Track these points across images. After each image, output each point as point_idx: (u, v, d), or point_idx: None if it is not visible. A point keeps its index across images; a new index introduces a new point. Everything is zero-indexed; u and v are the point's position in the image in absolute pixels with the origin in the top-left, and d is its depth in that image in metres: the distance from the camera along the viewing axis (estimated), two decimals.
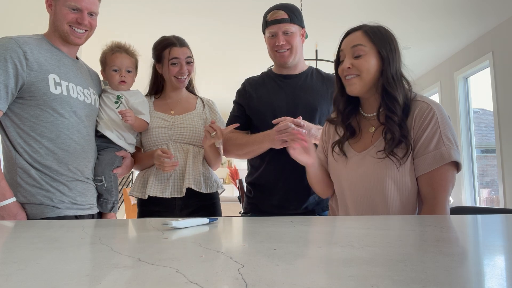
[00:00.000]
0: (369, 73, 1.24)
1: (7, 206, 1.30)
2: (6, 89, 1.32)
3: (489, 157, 6.23)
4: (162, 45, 1.76)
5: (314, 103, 1.69)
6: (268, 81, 1.78)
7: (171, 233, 0.74)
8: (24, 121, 1.37)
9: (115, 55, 1.65)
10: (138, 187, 1.74)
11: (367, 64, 1.24)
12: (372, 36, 1.25)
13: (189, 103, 1.84)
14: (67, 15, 1.43)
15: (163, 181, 1.69)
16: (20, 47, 1.35)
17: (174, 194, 1.68)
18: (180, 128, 1.73)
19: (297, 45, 1.70)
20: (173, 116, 1.76)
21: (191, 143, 1.74)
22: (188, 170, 1.68)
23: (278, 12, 1.67)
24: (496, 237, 0.78)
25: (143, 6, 4.04)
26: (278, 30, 1.66)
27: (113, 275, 0.44)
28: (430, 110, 1.21)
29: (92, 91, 1.58)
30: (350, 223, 0.93)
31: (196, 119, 1.78)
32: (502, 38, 4.49)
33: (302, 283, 0.39)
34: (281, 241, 0.70)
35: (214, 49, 5.22)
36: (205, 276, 0.42)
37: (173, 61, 1.72)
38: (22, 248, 0.61)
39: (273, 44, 1.69)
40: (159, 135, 1.72)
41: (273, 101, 1.71)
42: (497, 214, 1.29)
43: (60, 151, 1.41)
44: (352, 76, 1.25)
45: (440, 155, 1.17)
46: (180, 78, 1.74)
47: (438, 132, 1.18)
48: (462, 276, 0.45)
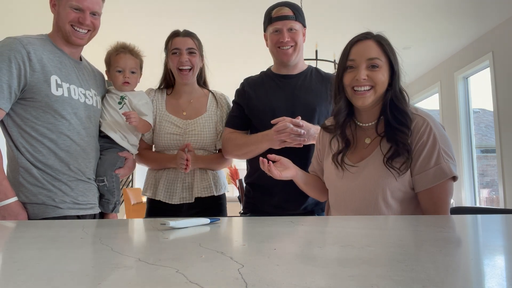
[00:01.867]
0: (383, 86, 1.23)
1: (8, 205, 1.30)
2: (9, 89, 1.32)
3: (489, 157, 6.23)
4: (168, 37, 1.76)
5: (313, 103, 1.69)
6: (267, 81, 1.78)
7: (171, 233, 0.74)
8: (26, 121, 1.37)
9: (119, 55, 1.65)
10: (150, 187, 1.74)
11: (383, 77, 1.22)
12: (387, 48, 1.23)
13: (201, 104, 1.82)
14: (69, 14, 1.43)
15: (172, 187, 1.71)
16: (24, 48, 1.35)
17: (182, 201, 1.69)
18: (192, 135, 1.73)
19: (300, 43, 1.70)
20: (185, 120, 1.75)
21: (202, 148, 1.75)
22: (197, 178, 1.70)
23: (284, 9, 1.67)
24: (496, 237, 0.78)
25: (143, 6, 4.05)
26: (283, 26, 1.65)
27: (113, 275, 0.44)
28: (426, 125, 1.20)
29: (94, 92, 1.58)
30: (350, 223, 0.93)
31: (208, 123, 1.77)
32: (502, 38, 4.49)
33: (302, 283, 0.39)
34: (281, 241, 0.70)
35: (215, 49, 5.22)
36: (205, 276, 0.42)
37: (174, 51, 1.71)
38: (22, 248, 0.61)
39: (276, 40, 1.68)
40: (171, 142, 1.73)
41: (272, 101, 1.71)
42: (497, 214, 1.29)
43: (61, 152, 1.42)
44: (365, 88, 1.22)
45: (441, 171, 1.17)
46: (182, 69, 1.72)
47: (437, 147, 1.18)
48: (462, 276, 0.45)
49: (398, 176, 1.19)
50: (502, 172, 4.50)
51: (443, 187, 1.18)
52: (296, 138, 1.51)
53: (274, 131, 1.51)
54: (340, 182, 1.31)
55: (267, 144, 1.60)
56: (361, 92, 1.22)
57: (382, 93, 1.23)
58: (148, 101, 1.73)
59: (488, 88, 4.80)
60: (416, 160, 1.19)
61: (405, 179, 1.20)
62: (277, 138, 1.52)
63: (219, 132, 1.79)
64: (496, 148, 4.65)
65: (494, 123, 4.68)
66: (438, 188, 1.18)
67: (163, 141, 1.73)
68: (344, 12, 4.17)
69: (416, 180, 1.20)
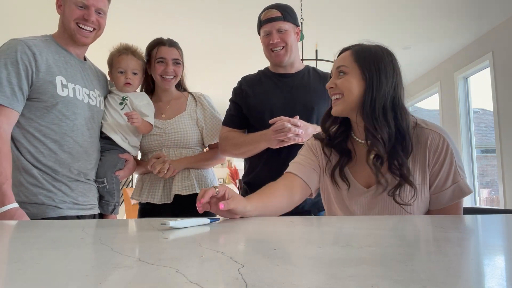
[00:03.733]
0: (352, 94, 1.13)
1: (8, 211, 1.27)
2: (21, 91, 1.33)
3: (489, 157, 6.23)
4: (151, 44, 1.77)
5: (311, 102, 1.69)
6: (264, 80, 1.78)
7: (171, 233, 0.74)
8: (29, 122, 1.37)
9: (121, 57, 1.66)
10: (136, 191, 1.78)
11: (348, 84, 1.13)
12: (357, 56, 1.14)
13: (180, 104, 1.83)
14: (74, 12, 1.43)
15: (153, 187, 1.73)
16: (30, 49, 1.35)
17: (163, 200, 1.70)
18: (171, 133, 1.74)
19: (291, 43, 1.70)
20: (164, 121, 1.76)
21: (183, 146, 1.75)
22: (177, 177, 1.70)
23: (271, 11, 1.68)
24: (496, 237, 0.78)
25: (142, 6, 4.04)
26: (272, 28, 1.67)
27: (113, 275, 0.44)
28: (443, 142, 1.12)
29: (98, 93, 1.58)
30: (350, 223, 0.93)
31: (187, 121, 1.77)
32: (502, 38, 4.49)
33: (302, 283, 0.39)
34: (281, 241, 0.70)
35: (214, 49, 5.22)
36: (205, 276, 0.42)
37: (160, 59, 1.72)
38: (23, 248, 0.61)
39: (267, 43, 1.69)
40: (151, 142, 1.74)
41: (270, 100, 1.71)
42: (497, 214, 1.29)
43: (63, 153, 1.41)
44: (336, 96, 1.17)
45: (460, 189, 1.12)
46: (166, 77, 1.74)
47: (454, 164, 1.12)
48: (462, 276, 0.45)
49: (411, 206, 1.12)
50: (502, 172, 4.50)
51: (459, 203, 1.14)
52: (294, 137, 1.51)
53: (272, 131, 1.51)
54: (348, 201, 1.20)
55: (265, 143, 1.60)
56: (333, 100, 1.18)
57: (353, 101, 1.13)
58: (150, 102, 1.74)
59: (488, 88, 4.80)
60: (433, 181, 1.13)
61: (421, 202, 1.14)
62: (275, 138, 1.51)
63: (201, 130, 1.79)
64: (496, 148, 4.65)
65: (494, 123, 4.68)
66: (454, 204, 1.14)
67: (143, 144, 1.76)
68: (344, 12, 4.17)
69: (432, 199, 1.15)
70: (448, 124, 5.53)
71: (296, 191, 1.21)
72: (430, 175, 1.13)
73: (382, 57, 1.14)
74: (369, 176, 1.18)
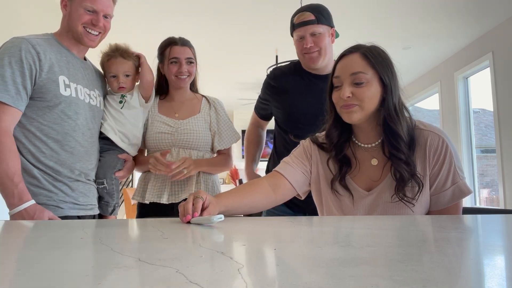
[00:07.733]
0: (371, 102, 1.11)
1: (29, 208, 1.27)
2: (25, 90, 1.33)
3: (489, 157, 6.23)
4: (164, 44, 1.77)
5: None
6: (297, 78, 1.77)
7: (171, 233, 0.74)
8: (31, 121, 1.37)
9: (110, 61, 1.64)
10: (139, 191, 1.74)
11: (370, 93, 1.10)
12: (373, 61, 1.11)
13: (194, 106, 1.82)
14: (83, 16, 1.43)
15: (160, 186, 1.70)
16: (34, 48, 1.35)
17: (171, 200, 1.68)
18: (184, 134, 1.72)
19: (326, 46, 1.65)
20: (177, 120, 1.75)
21: (194, 148, 1.74)
22: (186, 179, 1.68)
23: (305, 14, 1.64)
24: (496, 237, 0.78)
25: (142, 7, 4.04)
26: (305, 32, 1.63)
27: (113, 275, 0.44)
28: (442, 142, 1.12)
29: (98, 92, 1.58)
30: (350, 223, 0.93)
31: (201, 123, 1.76)
32: (502, 38, 4.49)
33: (302, 283, 0.39)
34: (281, 241, 0.70)
35: (216, 50, 5.22)
36: (205, 276, 0.42)
37: (173, 60, 1.72)
38: (23, 248, 0.61)
39: (301, 47, 1.65)
40: (162, 141, 1.72)
41: (299, 101, 1.71)
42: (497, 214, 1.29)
43: (64, 153, 1.41)
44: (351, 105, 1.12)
45: (459, 190, 1.12)
46: (180, 77, 1.74)
47: (453, 165, 1.12)
48: (462, 276, 0.45)
49: (413, 205, 1.12)
50: (502, 172, 4.50)
51: (459, 203, 1.14)
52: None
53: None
54: (352, 208, 1.19)
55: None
56: (347, 106, 1.12)
57: (372, 110, 1.12)
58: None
59: (488, 88, 4.80)
60: (433, 182, 1.13)
61: (421, 203, 1.14)
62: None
63: (213, 134, 1.78)
64: (496, 148, 4.65)
65: (494, 123, 4.68)
66: (454, 204, 1.14)
67: (154, 141, 1.72)
68: (344, 12, 4.17)
69: (432, 201, 1.15)
70: (448, 124, 5.53)
71: (280, 191, 1.21)
72: (430, 176, 1.13)
73: (389, 58, 1.15)
74: (369, 179, 1.18)
